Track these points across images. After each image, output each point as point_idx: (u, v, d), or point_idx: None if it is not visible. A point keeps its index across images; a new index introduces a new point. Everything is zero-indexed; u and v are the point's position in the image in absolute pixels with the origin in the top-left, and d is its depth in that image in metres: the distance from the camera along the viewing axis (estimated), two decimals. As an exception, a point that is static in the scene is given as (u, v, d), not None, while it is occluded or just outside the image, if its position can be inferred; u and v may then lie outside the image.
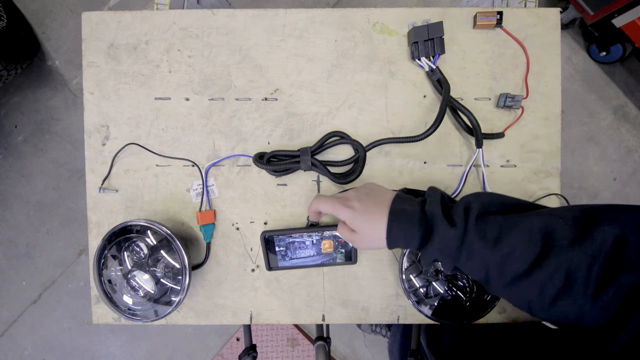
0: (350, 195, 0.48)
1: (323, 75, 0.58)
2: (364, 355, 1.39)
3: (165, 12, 0.59)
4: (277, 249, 0.57)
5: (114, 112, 0.59)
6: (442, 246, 0.41)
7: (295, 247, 0.57)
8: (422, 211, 0.44)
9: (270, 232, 0.56)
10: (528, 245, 0.37)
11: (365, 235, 0.46)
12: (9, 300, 1.45)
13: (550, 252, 0.36)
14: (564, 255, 0.35)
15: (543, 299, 0.37)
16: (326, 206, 0.48)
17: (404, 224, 0.43)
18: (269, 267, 0.58)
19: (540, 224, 0.38)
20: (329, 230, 0.56)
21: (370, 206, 0.46)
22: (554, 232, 0.36)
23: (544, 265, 0.36)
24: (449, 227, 0.41)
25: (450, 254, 0.41)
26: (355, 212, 0.46)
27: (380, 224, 0.44)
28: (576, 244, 0.35)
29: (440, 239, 0.41)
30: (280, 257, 0.58)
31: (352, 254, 0.57)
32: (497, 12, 0.55)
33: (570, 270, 0.34)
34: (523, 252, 0.37)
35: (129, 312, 0.55)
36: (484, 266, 0.39)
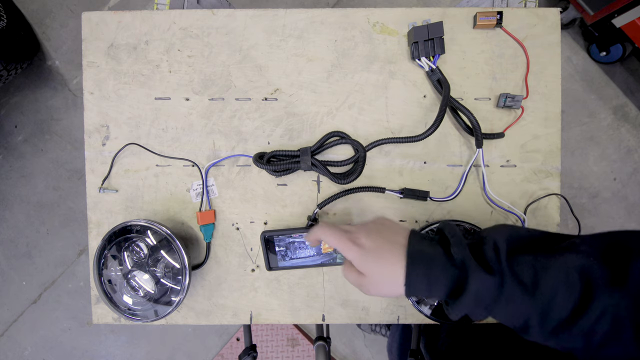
0: (358, 231, 0.42)
1: (323, 75, 0.58)
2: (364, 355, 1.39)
3: (165, 12, 0.59)
4: (277, 249, 0.57)
5: (114, 112, 0.59)
6: (479, 297, 0.36)
7: (295, 247, 0.57)
8: (445, 254, 0.38)
9: (270, 232, 0.56)
10: (568, 288, 0.34)
11: (376, 281, 0.39)
12: (9, 300, 1.45)
13: (593, 296, 0.33)
14: (607, 299, 0.32)
15: (589, 346, 0.34)
16: (331, 239, 0.42)
17: (425, 269, 0.37)
18: (269, 267, 0.58)
19: (573, 263, 0.34)
20: None
21: (382, 245, 0.39)
22: (590, 271, 0.34)
23: (590, 310, 0.33)
24: (485, 274, 0.35)
25: (487, 305, 0.36)
26: (365, 251, 0.39)
27: (395, 268, 0.38)
28: (616, 286, 0.32)
29: (477, 289, 0.35)
30: (280, 257, 0.57)
31: None
32: (497, 12, 0.55)
33: (616, 315, 0.32)
34: (565, 296, 0.33)
35: (129, 312, 0.55)
36: (524, 315, 0.35)
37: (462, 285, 0.36)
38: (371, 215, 0.59)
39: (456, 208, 0.59)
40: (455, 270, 0.37)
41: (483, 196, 0.59)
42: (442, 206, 0.59)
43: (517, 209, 0.58)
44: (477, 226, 0.53)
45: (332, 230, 0.42)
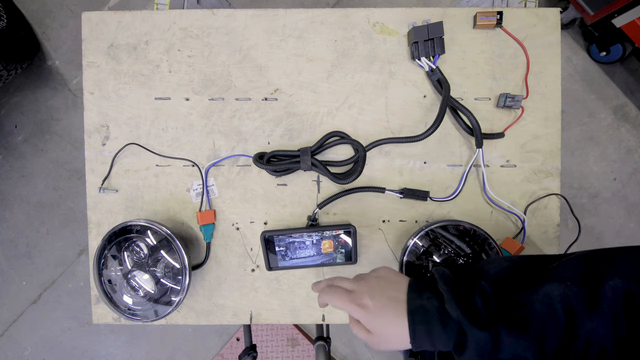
0: (361, 291, 0.43)
1: (323, 75, 0.58)
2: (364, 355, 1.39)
3: (165, 12, 0.59)
4: (277, 249, 0.57)
5: (114, 112, 0.59)
6: (480, 351, 0.37)
7: (295, 247, 0.57)
8: (442, 308, 0.40)
9: (270, 232, 0.56)
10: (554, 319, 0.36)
11: (383, 338, 0.41)
12: (9, 300, 1.45)
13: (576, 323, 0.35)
14: (588, 326, 0.34)
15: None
16: (337, 303, 0.44)
17: (427, 326, 0.39)
18: (269, 267, 0.58)
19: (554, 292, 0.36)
20: (329, 231, 0.56)
21: (384, 304, 0.41)
22: (569, 299, 0.35)
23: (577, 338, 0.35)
24: (480, 331, 0.37)
25: (489, 355, 0.38)
26: (369, 312, 0.41)
27: (399, 325, 0.40)
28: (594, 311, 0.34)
29: (476, 345, 0.37)
30: (280, 257, 0.57)
31: (352, 253, 0.57)
32: (497, 12, 0.55)
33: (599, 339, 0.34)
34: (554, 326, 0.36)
35: (129, 312, 0.55)
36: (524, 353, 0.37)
37: (463, 342, 0.38)
38: (371, 215, 0.59)
39: (456, 208, 0.59)
40: (454, 326, 0.39)
41: (483, 196, 0.59)
42: (442, 206, 0.59)
43: (517, 209, 0.58)
44: (477, 226, 0.53)
45: (337, 294, 0.44)
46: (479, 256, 0.54)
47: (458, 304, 0.39)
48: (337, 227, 0.55)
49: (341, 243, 0.56)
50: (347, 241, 0.56)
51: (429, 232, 0.54)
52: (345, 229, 0.55)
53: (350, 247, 0.57)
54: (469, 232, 0.54)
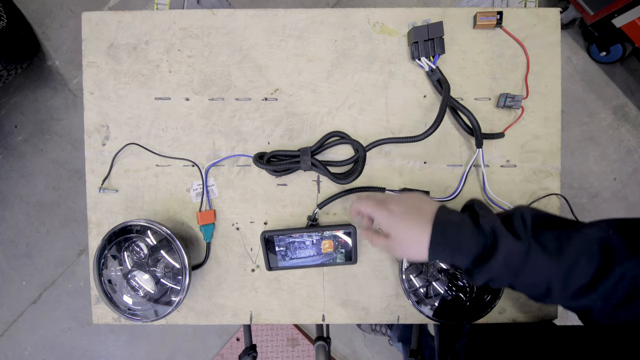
0: (389, 198, 0.46)
1: (323, 75, 0.58)
2: (364, 355, 1.39)
3: (165, 12, 0.59)
4: (277, 249, 0.57)
5: (114, 112, 0.59)
6: (508, 261, 0.38)
7: (295, 247, 0.57)
8: (474, 223, 0.41)
9: (270, 232, 0.56)
10: (589, 257, 0.37)
11: (401, 242, 0.43)
12: (9, 300, 1.45)
13: (614, 263, 0.36)
14: (626, 266, 0.35)
15: (606, 307, 0.37)
16: (365, 207, 0.46)
17: (453, 236, 0.40)
18: (269, 267, 0.58)
19: (594, 234, 0.38)
20: (329, 231, 0.56)
21: (410, 211, 0.43)
22: (610, 242, 0.37)
23: (609, 276, 0.36)
24: (514, 240, 0.38)
25: (514, 270, 0.39)
26: (393, 215, 0.43)
27: (421, 231, 0.41)
28: (635, 255, 0.35)
29: (507, 253, 0.38)
30: (280, 257, 0.57)
31: (352, 253, 0.57)
32: (497, 12, 0.55)
33: (634, 279, 0.35)
34: (586, 263, 0.37)
35: (129, 312, 0.55)
36: (546, 280, 0.38)
37: (492, 250, 0.39)
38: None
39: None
40: (483, 238, 0.40)
41: (483, 196, 0.59)
42: (442, 206, 0.59)
43: (517, 209, 0.58)
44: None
45: (367, 199, 0.47)
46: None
47: (495, 218, 0.40)
48: (337, 227, 0.55)
49: (341, 243, 0.56)
50: (347, 241, 0.56)
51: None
52: (345, 229, 0.55)
53: (350, 247, 0.56)
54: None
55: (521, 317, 0.59)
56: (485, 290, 0.54)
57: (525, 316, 0.59)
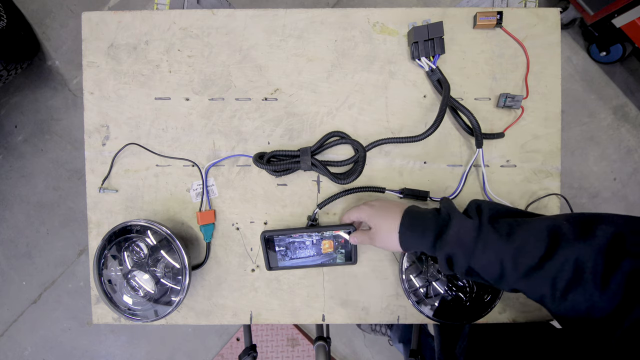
0: (373, 201, 0.53)
1: (323, 75, 0.58)
2: (364, 355, 1.39)
3: (165, 12, 0.59)
4: (277, 248, 0.57)
5: (114, 112, 0.59)
6: (460, 236, 0.43)
7: (295, 247, 0.57)
8: (435, 210, 0.47)
9: (270, 232, 0.56)
10: (538, 240, 0.40)
11: (378, 230, 0.49)
12: (9, 300, 1.45)
13: (558, 246, 0.39)
14: (570, 248, 0.38)
15: (555, 292, 0.39)
16: (354, 211, 0.53)
17: (418, 222, 0.46)
18: (269, 267, 0.58)
19: (545, 222, 0.41)
20: (329, 231, 0.56)
21: (388, 206, 0.50)
22: (559, 229, 0.40)
23: (554, 257, 0.38)
24: (465, 219, 0.44)
25: (467, 246, 0.43)
26: (373, 208, 0.51)
27: (393, 220, 0.48)
28: (580, 239, 0.38)
29: (458, 229, 0.43)
30: (280, 257, 0.57)
31: (352, 254, 0.57)
32: (497, 12, 0.55)
33: (578, 261, 0.37)
34: (534, 245, 0.40)
35: (129, 312, 0.55)
36: (499, 259, 0.41)
37: (445, 226, 0.45)
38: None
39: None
40: (441, 219, 0.46)
41: (483, 196, 0.59)
42: (442, 206, 0.59)
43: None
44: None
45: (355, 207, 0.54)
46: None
47: (452, 205, 0.47)
48: (337, 227, 0.55)
49: (341, 243, 0.56)
50: (348, 241, 0.56)
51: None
52: (345, 229, 0.55)
53: (350, 247, 0.57)
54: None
55: (521, 317, 0.59)
56: (485, 290, 0.54)
57: (525, 316, 0.59)
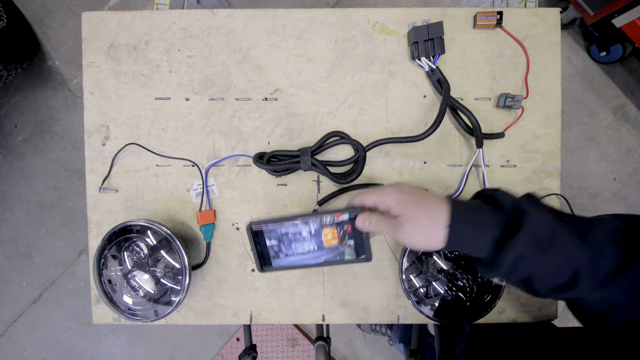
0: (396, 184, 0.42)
1: (323, 75, 0.58)
2: (364, 355, 1.39)
3: (165, 12, 0.59)
4: (269, 242, 0.47)
5: (114, 112, 0.59)
6: (536, 234, 0.35)
7: (289, 239, 0.47)
8: (484, 202, 0.38)
9: (258, 223, 0.46)
10: (615, 244, 0.35)
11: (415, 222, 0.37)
12: (9, 300, 1.45)
13: (637, 255, 0.34)
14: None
15: (631, 300, 0.35)
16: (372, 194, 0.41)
17: (472, 215, 0.37)
18: (260, 268, 0.48)
19: (613, 225, 0.36)
20: (329, 215, 0.45)
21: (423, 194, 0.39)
22: (631, 234, 0.35)
23: (635, 267, 0.34)
24: (540, 212, 0.35)
25: (543, 247, 0.35)
26: (404, 193, 0.39)
27: (440, 212, 0.37)
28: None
29: (534, 226, 0.35)
30: (273, 254, 0.47)
31: (364, 246, 0.46)
32: (497, 12, 0.55)
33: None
34: (612, 251, 0.34)
35: (129, 312, 0.55)
36: (575, 262, 0.35)
37: (518, 224, 0.35)
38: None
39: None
40: (504, 214, 0.36)
41: (483, 196, 0.59)
42: (442, 206, 0.59)
43: (517, 209, 0.58)
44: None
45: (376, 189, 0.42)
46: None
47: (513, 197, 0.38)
48: (339, 211, 0.44)
49: (347, 232, 0.45)
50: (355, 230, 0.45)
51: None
52: (350, 212, 0.44)
53: (362, 237, 0.45)
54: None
55: (521, 317, 0.59)
56: (485, 290, 0.54)
57: (525, 316, 0.59)
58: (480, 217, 0.37)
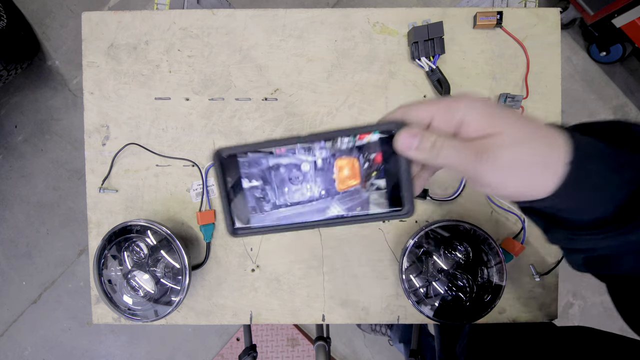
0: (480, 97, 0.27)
1: (323, 75, 0.58)
2: (364, 355, 1.39)
3: (165, 12, 0.59)
4: (247, 184, 0.28)
5: (114, 112, 0.59)
6: None
7: (280, 177, 0.28)
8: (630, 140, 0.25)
9: (232, 150, 0.28)
10: None
11: (520, 142, 0.23)
12: (9, 300, 1.45)
13: None
14: None
15: None
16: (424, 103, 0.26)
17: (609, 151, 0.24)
18: (232, 228, 0.29)
19: None
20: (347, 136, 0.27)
21: (525, 117, 0.25)
22: None
23: None
24: None
25: None
26: (495, 107, 0.24)
27: (550, 131, 0.24)
28: None
29: None
30: (253, 204, 0.29)
31: (404, 188, 0.27)
32: (497, 12, 0.55)
33: None
34: None
35: (129, 312, 0.55)
36: None
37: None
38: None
39: (456, 208, 0.59)
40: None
41: (483, 196, 0.59)
42: (442, 206, 0.59)
43: (517, 209, 0.58)
44: (477, 226, 0.53)
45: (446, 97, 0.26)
46: (479, 257, 0.54)
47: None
48: (363, 128, 0.27)
49: (377, 165, 0.27)
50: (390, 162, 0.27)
51: (429, 232, 0.54)
52: (383, 128, 0.26)
53: (402, 172, 0.27)
54: (469, 232, 0.54)
55: (521, 317, 0.59)
56: (485, 290, 0.54)
57: (526, 316, 0.59)
58: (621, 157, 0.23)
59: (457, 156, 0.24)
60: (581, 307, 1.35)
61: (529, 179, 0.24)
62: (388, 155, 0.27)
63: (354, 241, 0.59)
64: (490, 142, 0.23)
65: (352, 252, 0.59)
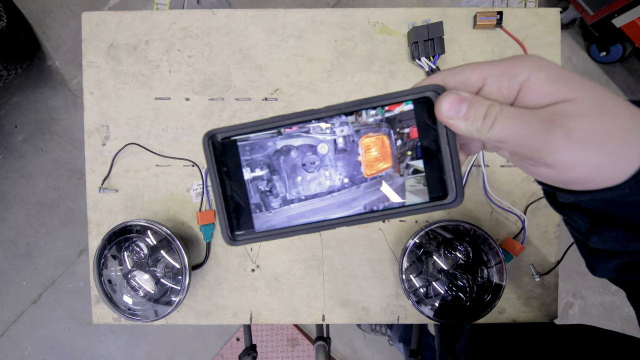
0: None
1: (323, 75, 0.58)
2: (364, 355, 1.39)
3: (165, 12, 0.59)
4: (249, 174, 0.24)
5: (114, 112, 0.59)
6: None
7: (291, 163, 0.23)
8: None
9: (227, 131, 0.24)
10: None
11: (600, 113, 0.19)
12: (9, 300, 1.45)
13: None
14: None
15: None
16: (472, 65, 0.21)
17: None
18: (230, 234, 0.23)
19: None
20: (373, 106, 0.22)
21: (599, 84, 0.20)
22: None
23: None
24: None
25: None
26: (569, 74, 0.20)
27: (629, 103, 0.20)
28: None
29: None
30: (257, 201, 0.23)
31: (445, 172, 0.23)
32: (497, 12, 0.55)
33: None
34: None
35: (129, 312, 0.55)
36: None
37: None
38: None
39: (456, 208, 0.59)
40: None
41: (483, 196, 0.59)
42: (442, 206, 0.59)
43: (517, 209, 0.58)
44: (477, 226, 0.53)
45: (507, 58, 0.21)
46: (479, 257, 0.54)
47: None
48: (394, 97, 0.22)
49: (411, 142, 0.23)
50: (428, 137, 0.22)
51: (429, 232, 0.54)
52: (416, 95, 0.22)
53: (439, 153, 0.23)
54: (469, 232, 0.54)
55: (521, 317, 0.59)
56: (486, 290, 0.54)
57: (526, 316, 0.59)
58: None
59: (518, 127, 0.19)
60: (581, 307, 1.35)
61: (607, 158, 0.19)
62: (425, 129, 0.22)
63: (354, 241, 0.59)
64: (564, 110, 0.19)
65: (352, 252, 0.59)
